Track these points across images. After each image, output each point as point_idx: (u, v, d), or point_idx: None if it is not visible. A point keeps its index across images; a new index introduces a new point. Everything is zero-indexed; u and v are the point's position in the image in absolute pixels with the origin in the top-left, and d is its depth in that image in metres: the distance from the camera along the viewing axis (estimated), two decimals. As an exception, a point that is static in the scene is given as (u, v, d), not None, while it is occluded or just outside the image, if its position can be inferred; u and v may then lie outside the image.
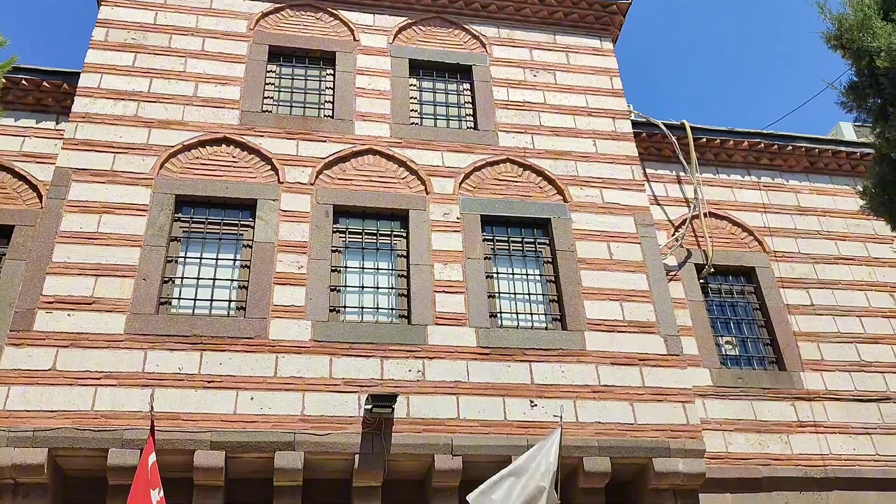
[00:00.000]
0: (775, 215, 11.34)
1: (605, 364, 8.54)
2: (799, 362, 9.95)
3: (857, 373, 10.01)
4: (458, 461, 7.69)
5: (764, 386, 9.65)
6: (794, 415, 9.51)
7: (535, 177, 9.88)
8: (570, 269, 9.17)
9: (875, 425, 9.63)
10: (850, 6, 6.30)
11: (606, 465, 7.93)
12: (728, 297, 10.60)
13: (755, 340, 10.26)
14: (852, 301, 10.65)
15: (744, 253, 10.87)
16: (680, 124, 11.45)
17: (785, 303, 10.48)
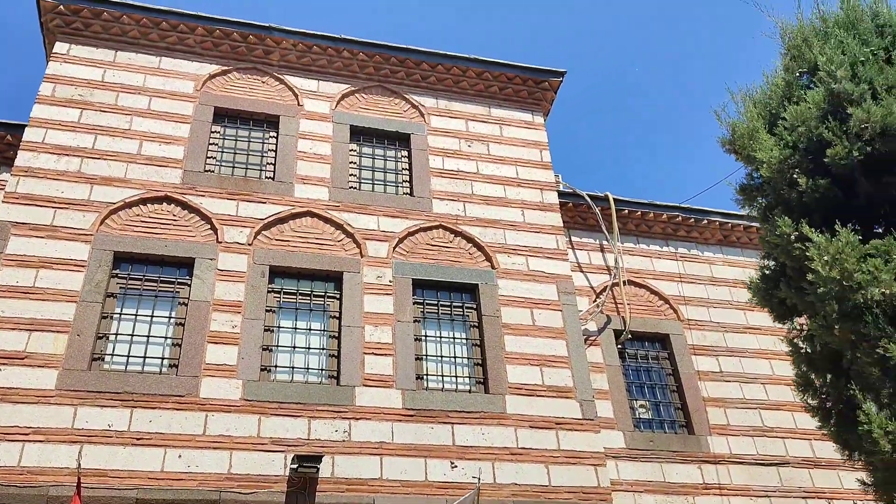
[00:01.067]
0: (690, 285, 12.09)
1: (524, 427, 9.01)
2: (707, 426, 10.60)
3: (759, 437, 10.70)
4: (379, 521, 8.01)
5: (673, 449, 10.25)
6: (700, 477, 10.11)
7: (466, 243, 10.40)
8: (495, 334, 9.67)
9: (774, 488, 10.29)
10: (742, 115, 7.04)
11: (520, 526, 8.34)
12: (644, 362, 11.24)
13: (667, 405, 10.90)
14: (758, 369, 11.40)
15: (660, 320, 11.56)
16: (604, 196, 12.18)
17: (696, 369, 11.17)
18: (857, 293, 5.53)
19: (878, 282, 5.44)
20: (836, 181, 6.29)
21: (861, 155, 6.04)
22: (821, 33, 6.88)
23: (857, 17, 6.84)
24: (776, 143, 6.46)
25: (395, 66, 11.64)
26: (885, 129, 5.94)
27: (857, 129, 6.00)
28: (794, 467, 10.52)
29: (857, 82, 6.24)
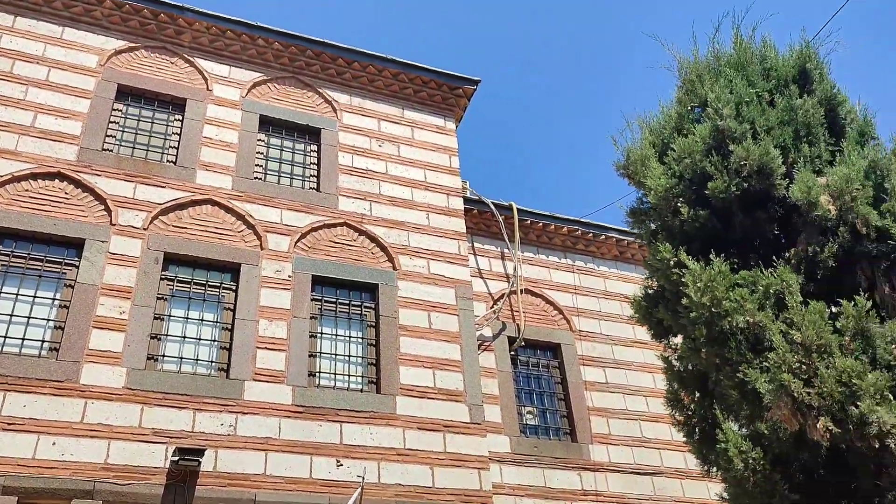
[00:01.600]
0: (584, 297, 12.52)
1: (412, 429, 9.14)
2: (589, 435, 11.01)
3: (637, 448, 11.20)
4: (259, 516, 7.97)
5: (556, 455, 10.60)
6: (579, 484, 10.50)
7: (369, 243, 10.45)
8: (391, 335, 9.76)
9: (648, 497, 10.80)
10: (637, 142, 7.38)
11: (401, 525, 8.47)
12: (535, 369, 11.57)
13: (554, 412, 11.27)
14: (641, 382, 11.92)
15: (553, 330, 11.92)
16: (508, 205, 12.46)
17: (584, 379, 11.58)
18: (724, 320, 5.89)
19: (743, 310, 5.82)
20: (716, 213, 6.68)
21: (739, 190, 6.44)
22: (713, 71, 7.29)
23: (747, 58, 7.27)
24: (664, 172, 6.80)
25: (310, 59, 11.56)
26: (761, 168, 6.35)
27: (736, 166, 6.40)
28: (667, 477, 11.06)
29: (740, 121, 6.65)
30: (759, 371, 5.58)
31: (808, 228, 6.38)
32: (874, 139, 6.82)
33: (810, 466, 5.60)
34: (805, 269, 6.24)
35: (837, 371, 5.28)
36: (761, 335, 5.76)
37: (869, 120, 6.92)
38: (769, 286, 5.98)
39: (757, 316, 5.81)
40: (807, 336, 5.47)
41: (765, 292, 5.98)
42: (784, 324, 5.69)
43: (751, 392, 5.65)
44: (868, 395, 5.12)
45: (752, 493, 5.43)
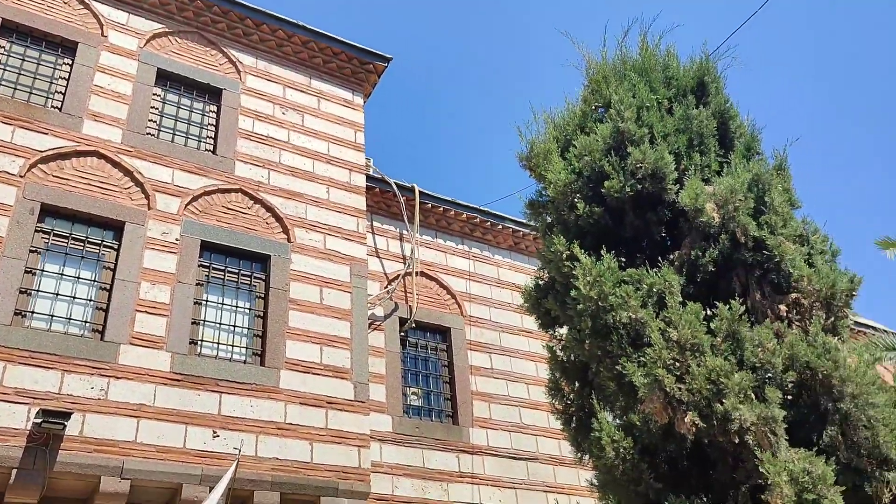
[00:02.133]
0: (477, 284, 12.69)
1: (295, 403, 9.01)
2: (471, 419, 11.21)
3: (515, 433, 11.49)
4: (125, 485, 7.66)
5: (437, 437, 10.73)
6: (457, 465, 10.67)
7: (265, 212, 10.18)
8: (280, 308, 9.57)
9: (522, 481, 11.10)
10: (542, 135, 7.52)
11: (276, 499, 8.34)
12: (423, 351, 11.65)
13: (438, 394, 11.39)
14: (524, 370, 12.22)
15: (444, 314, 12.03)
16: (410, 187, 12.44)
17: (470, 363, 11.76)
18: (609, 314, 6.11)
19: (627, 306, 6.05)
20: (610, 211, 6.90)
21: (633, 191, 6.67)
22: (619, 74, 7.50)
23: (651, 65, 7.53)
24: (565, 168, 6.96)
25: (216, 16, 11.11)
26: (655, 172, 6.60)
27: (632, 168, 6.62)
28: (541, 463, 11.41)
29: (640, 125, 6.88)
30: (636, 365, 5.81)
31: (692, 233, 6.69)
32: (759, 154, 7.22)
33: (675, 457, 5.90)
34: (686, 272, 6.55)
35: (707, 369, 5.57)
36: (641, 331, 6.01)
37: (756, 135, 7.31)
38: (653, 285, 6.23)
39: (639, 313, 6.05)
40: (682, 335, 5.74)
41: (648, 291, 6.24)
42: (663, 322, 5.95)
43: (627, 385, 5.89)
44: (733, 394, 5.43)
45: (619, 481, 5.68)
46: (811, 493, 5.04)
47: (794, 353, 5.77)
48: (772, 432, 5.37)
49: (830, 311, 6.29)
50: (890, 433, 5.51)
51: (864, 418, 5.55)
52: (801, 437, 5.69)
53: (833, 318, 6.30)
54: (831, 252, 6.85)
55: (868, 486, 5.48)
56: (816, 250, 6.68)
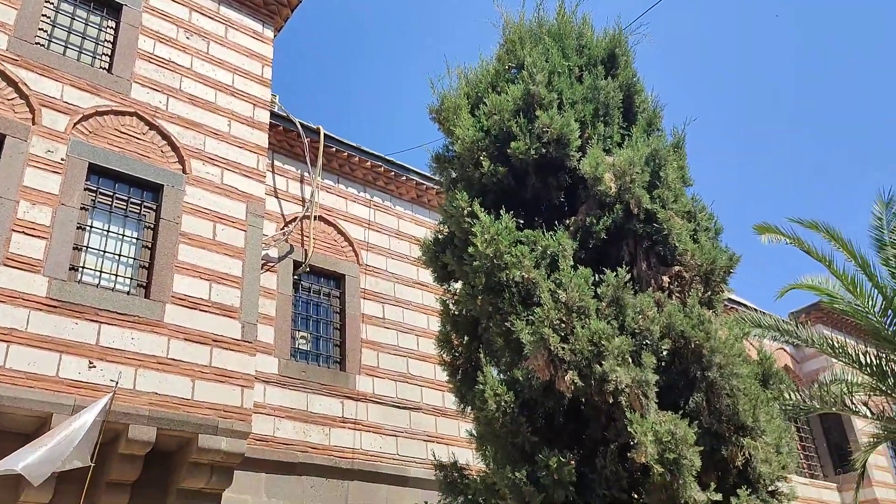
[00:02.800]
0: (376, 233, 12.65)
1: (178, 339, 8.78)
2: (358, 366, 11.27)
3: (401, 383, 11.64)
4: (-10, 411, 7.31)
5: (323, 382, 10.74)
6: (340, 411, 10.74)
7: (160, 140, 9.75)
8: (170, 241, 9.24)
9: (403, 430, 11.30)
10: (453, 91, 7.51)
11: (152, 434, 8.16)
12: (315, 296, 11.57)
13: (327, 340, 11.37)
14: (416, 322, 12.35)
15: (340, 260, 11.95)
16: (316, 129, 12.19)
17: (362, 312, 11.77)
18: (503, 272, 6.25)
19: (521, 266, 6.21)
20: (513, 172, 7.01)
21: (537, 155, 6.80)
22: (534, 36, 7.56)
23: (567, 31, 7.62)
24: (474, 125, 6.99)
25: (122, -75, 10.39)
26: (560, 138, 6.74)
27: (539, 131, 6.73)
28: (424, 413, 11.63)
29: (550, 90, 6.98)
30: (524, 323, 6.00)
31: (589, 201, 6.90)
32: (659, 130, 7.49)
33: (552, 414, 6.16)
34: (580, 238, 6.77)
35: (590, 332, 5.82)
36: (532, 291, 6.19)
37: (658, 112, 7.57)
38: (547, 248, 6.41)
39: (532, 273, 6.21)
40: (570, 297, 5.96)
41: (542, 253, 6.41)
42: (554, 283, 6.14)
43: (514, 341, 6.07)
44: (612, 356, 5.70)
45: (498, 433, 5.88)
46: (672, 453, 5.38)
47: (671, 322, 6.09)
48: (644, 395, 5.69)
49: (708, 286, 6.67)
50: (749, 402, 5.95)
51: (728, 387, 5.95)
52: (669, 401, 6.06)
53: (710, 293, 6.69)
54: (715, 230, 7.24)
55: (725, 449, 5.91)
56: (702, 227, 7.04)
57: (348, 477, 10.38)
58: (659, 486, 5.47)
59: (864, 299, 10.91)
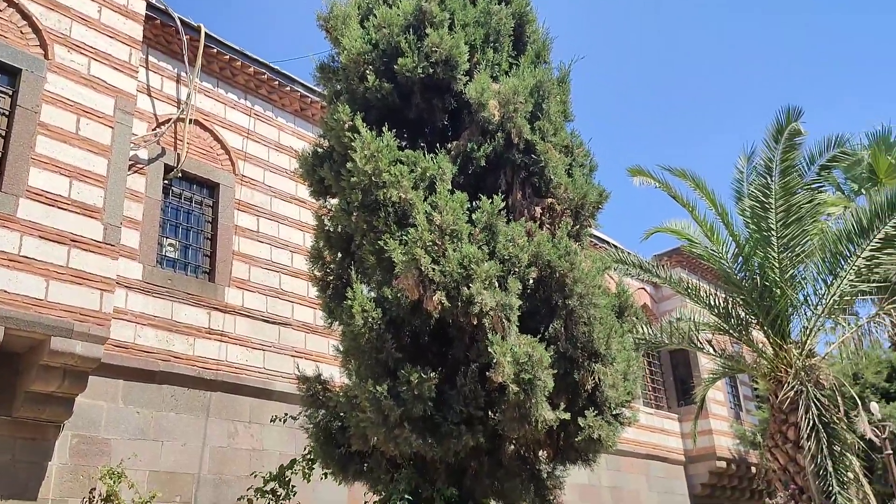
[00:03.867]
0: (256, 144, 12.23)
1: (33, 236, 8.25)
2: (228, 278, 11.01)
3: (272, 298, 11.50)
4: None
5: (190, 291, 10.44)
6: (207, 322, 10.51)
7: (20, 19, 8.90)
8: (27, 131, 8.56)
9: (271, 344, 11.22)
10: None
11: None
12: (187, 203, 11.13)
13: (197, 250, 11.02)
14: (291, 237, 12.15)
15: (215, 168, 11.50)
16: (196, 27, 11.49)
17: (236, 223, 11.44)
18: (381, 190, 6.21)
19: (399, 186, 6.18)
20: (399, 90, 6.90)
21: (424, 74, 6.71)
22: (433, -48, 7.34)
23: (465, -49, 7.45)
24: (362, 36, 6.79)
25: None
26: (448, 59, 6.67)
27: (428, 50, 6.63)
28: (294, 329, 11.58)
29: (442, 8, 6.86)
30: (398, 243, 6.01)
31: (472, 127, 6.92)
32: (546, 63, 7.55)
33: (418, 333, 6.27)
34: (460, 163, 6.80)
35: (461, 255, 5.92)
36: (408, 211, 6.20)
37: (547, 44, 7.61)
38: (426, 170, 6.41)
39: (409, 194, 6.21)
40: (445, 220, 6.01)
41: (421, 174, 6.41)
42: (430, 206, 6.17)
43: (387, 260, 6.09)
44: (480, 280, 5.84)
45: (363, 348, 5.94)
46: (528, 374, 5.63)
47: (539, 251, 6.28)
48: (506, 318, 5.88)
49: (577, 220, 6.91)
50: (604, 331, 6.27)
51: (586, 316, 6.25)
52: (530, 326, 6.30)
53: (578, 226, 6.94)
54: (590, 167, 7.46)
55: (577, 373, 6.24)
56: (577, 163, 7.23)
57: (212, 388, 10.25)
58: (513, 404, 5.73)
59: (719, 246, 11.66)
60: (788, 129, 10.48)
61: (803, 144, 10.96)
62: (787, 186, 10.93)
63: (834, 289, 11.14)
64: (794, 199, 11.06)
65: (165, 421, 9.68)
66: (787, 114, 10.51)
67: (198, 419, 9.99)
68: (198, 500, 9.57)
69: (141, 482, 9.09)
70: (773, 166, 10.92)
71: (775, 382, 11.46)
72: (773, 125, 10.73)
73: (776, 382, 11.44)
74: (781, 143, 10.66)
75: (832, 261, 11.14)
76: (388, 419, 5.78)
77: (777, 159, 10.84)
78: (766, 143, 10.94)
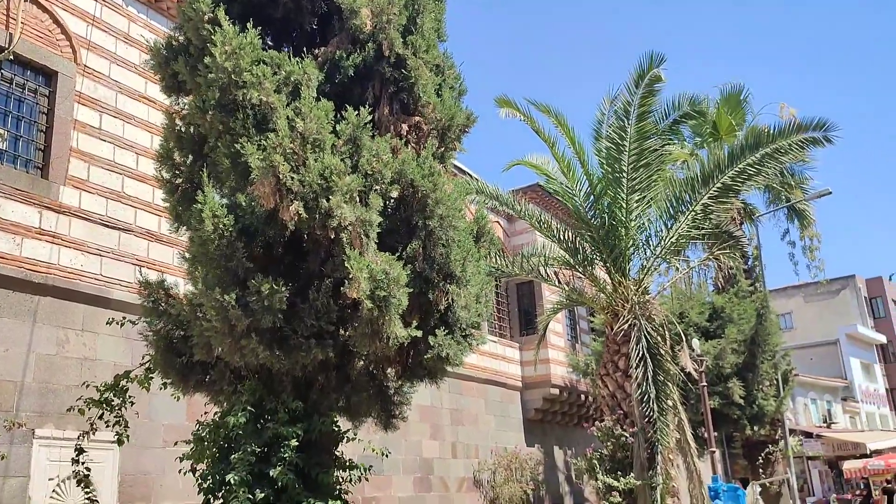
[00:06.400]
0: (102, 33, 11.17)
1: None
2: (64, 176, 10.14)
3: (114, 202, 10.73)
4: None
5: (19, 187, 9.53)
6: (38, 221, 9.68)
7: None
8: None
9: (110, 250, 10.52)
10: None
11: None
12: (19, 90, 10.05)
13: (29, 142, 10.04)
14: (138, 139, 11.32)
15: (53, 55, 10.43)
16: None
17: (75, 117, 10.50)
18: (240, 90, 5.84)
19: (260, 87, 5.84)
20: (267, -15, 6.46)
21: (295, -29, 6.30)
22: None
23: None
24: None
25: None
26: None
27: (302, -55, 6.21)
28: (136, 236, 10.91)
29: None
30: (256, 147, 5.71)
31: (342, 34, 6.63)
32: (424, -23, 7.29)
33: (272, 244, 6.05)
34: (327, 71, 6.52)
35: (323, 165, 5.71)
36: (269, 116, 5.88)
37: (426, -43, 7.33)
38: (291, 73, 6.09)
39: (271, 97, 5.89)
40: (308, 128, 5.76)
41: (285, 78, 6.08)
42: (293, 111, 5.88)
43: (242, 165, 5.78)
44: (340, 193, 5.68)
45: (212, 255, 5.65)
46: (383, 291, 5.59)
47: (403, 169, 6.18)
48: (365, 234, 5.78)
49: (443, 142, 6.85)
50: (461, 253, 6.32)
51: (445, 237, 6.26)
52: (389, 245, 6.24)
53: (444, 148, 6.88)
54: (459, 90, 7.38)
55: (431, 293, 6.27)
56: (447, 84, 7.13)
57: (40, 292, 9.52)
58: (366, 320, 5.69)
59: (574, 183, 12.09)
60: (649, 75, 10.89)
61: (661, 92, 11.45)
62: (641, 131, 11.42)
63: (672, 232, 11.90)
64: (646, 144, 11.60)
65: (-15, 325, 8.92)
66: (651, 59, 10.90)
67: (23, 324, 9.28)
68: (20, 409, 8.97)
69: (-46, 389, 8.38)
70: (632, 110, 11.36)
71: (612, 315, 12.21)
72: (635, 69, 11.11)
73: (613, 315, 12.18)
74: (641, 88, 11.07)
75: (675, 205, 11.86)
76: (234, 329, 5.58)
77: (636, 104, 11.27)
78: (628, 86, 11.34)
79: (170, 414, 10.42)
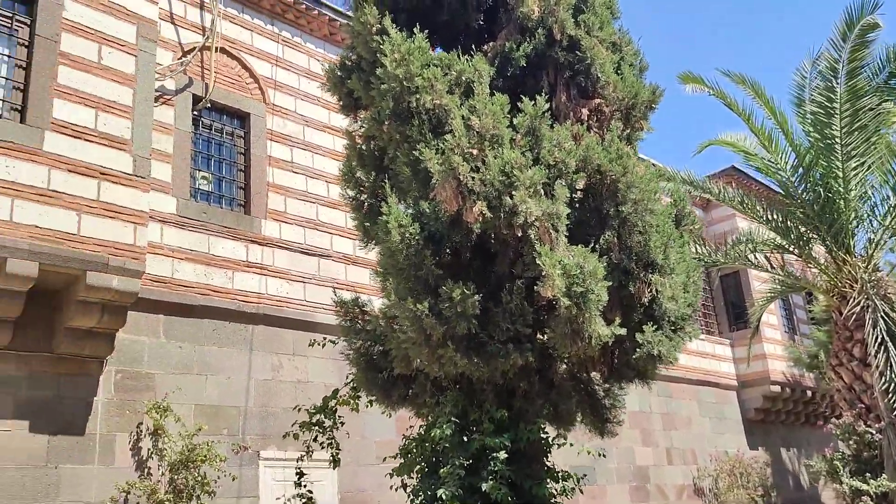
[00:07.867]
0: (286, 72, 11.78)
1: (61, 170, 8.01)
2: (264, 210, 10.74)
3: (311, 230, 11.21)
4: None
5: (226, 224, 10.20)
6: (245, 255, 10.29)
7: (32, -57, 8.51)
8: (48, 61, 8.25)
9: (311, 276, 10.98)
10: None
11: (33, 269, 7.56)
12: (218, 135, 10.80)
13: (231, 182, 10.74)
14: (326, 168, 11.78)
15: (245, 98, 11.12)
16: (217, -51, 10.97)
17: (269, 154, 11.11)
18: (413, 96, 5.74)
19: (433, 90, 5.71)
20: (430, -11, 6.36)
21: (457, -30, 6.14)
22: None
23: None
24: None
25: None
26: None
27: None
28: (334, 261, 11.32)
29: None
30: (434, 152, 5.57)
31: (510, 25, 6.37)
32: (590, -47, 6.87)
33: (459, 248, 5.87)
34: (498, 64, 6.29)
35: (503, 161, 5.45)
36: (444, 118, 5.73)
37: (589, -67, 6.92)
38: (462, 72, 5.91)
39: (444, 98, 5.74)
40: (484, 124, 5.54)
41: (457, 77, 5.92)
42: (467, 110, 5.69)
43: (422, 171, 5.66)
44: (524, 188, 5.38)
45: (401, 265, 5.57)
46: (580, 286, 5.20)
47: (588, 155, 5.79)
48: (554, 228, 5.44)
49: (628, 122, 6.36)
50: (661, 239, 5.79)
51: (641, 224, 5.77)
52: (580, 237, 5.84)
53: (629, 129, 6.39)
54: (640, 66, 6.85)
55: (632, 285, 5.79)
56: (626, 61, 6.64)
57: (253, 321, 10.09)
58: (564, 319, 5.32)
59: (777, 156, 10.96)
60: (861, 24, 9.59)
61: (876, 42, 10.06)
62: (853, 89, 10.13)
63: (903, 198, 10.43)
64: (860, 104, 10.28)
65: (208, 355, 9.56)
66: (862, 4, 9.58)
67: (241, 352, 9.86)
68: (245, 433, 9.50)
69: (187, 416, 9.02)
70: (840, 67, 10.11)
71: (839, 298, 10.90)
72: (842, 20, 9.84)
73: (840, 298, 10.87)
74: (850, 41, 9.80)
75: (902, 168, 10.40)
76: (430, 338, 5.44)
77: (844, 59, 10.01)
78: (833, 42, 10.10)
79: (381, 430, 10.61)
